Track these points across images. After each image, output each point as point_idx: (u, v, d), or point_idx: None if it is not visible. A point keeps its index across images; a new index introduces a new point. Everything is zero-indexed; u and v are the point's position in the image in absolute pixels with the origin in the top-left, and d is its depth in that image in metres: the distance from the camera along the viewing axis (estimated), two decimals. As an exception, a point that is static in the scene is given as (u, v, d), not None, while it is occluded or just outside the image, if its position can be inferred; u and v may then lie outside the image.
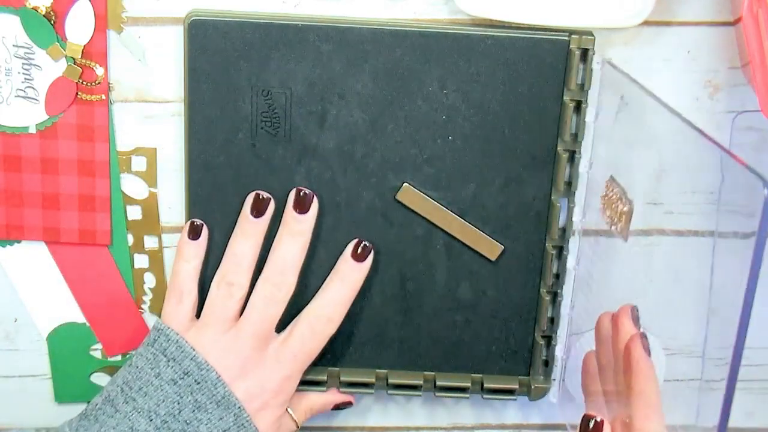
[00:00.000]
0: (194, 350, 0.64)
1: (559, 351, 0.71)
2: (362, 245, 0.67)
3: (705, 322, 0.72)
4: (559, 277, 0.69)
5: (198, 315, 0.67)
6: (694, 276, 0.71)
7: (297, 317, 0.67)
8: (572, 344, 0.73)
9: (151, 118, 0.67)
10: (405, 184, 0.67)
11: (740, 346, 0.55)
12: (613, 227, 0.65)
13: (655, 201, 0.70)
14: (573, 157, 0.66)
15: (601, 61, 0.65)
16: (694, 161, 0.58)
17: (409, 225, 0.68)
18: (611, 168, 0.65)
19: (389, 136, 0.66)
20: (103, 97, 0.66)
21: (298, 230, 0.66)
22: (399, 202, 0.67)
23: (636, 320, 0.61)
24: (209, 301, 0.66)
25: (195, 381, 0.63)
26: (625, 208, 0.63)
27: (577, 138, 0.66)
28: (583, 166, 0.67)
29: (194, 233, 0.67)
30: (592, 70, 0.64)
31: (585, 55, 0.64)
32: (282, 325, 0.67)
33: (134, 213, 0.69)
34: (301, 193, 0.66)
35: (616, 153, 0.65)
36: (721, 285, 0.71)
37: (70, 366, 0.73)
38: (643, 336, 0.59)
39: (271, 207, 0.66)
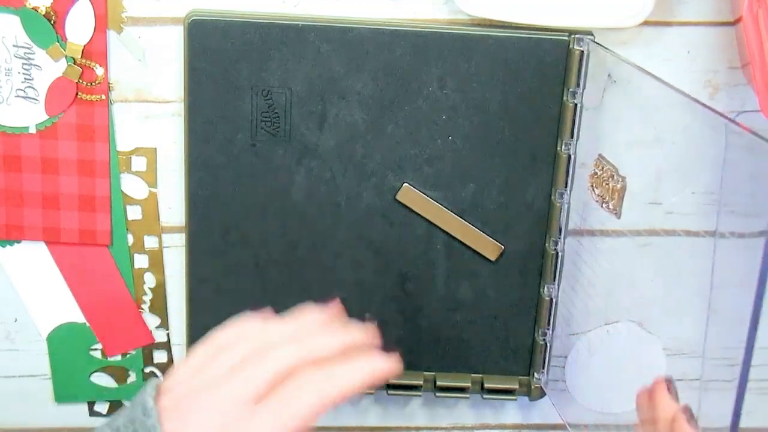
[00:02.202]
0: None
1: (552, 349, 0.71)
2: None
3: (705, 322, 0.72)
4: (555, 277, 0.69)
5: None
6: (695, 276, 0.71)
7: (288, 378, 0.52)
8: (572, 344, 0.73)
9: (151, 118, 0.67)
10: (405, 184, 0.67)
11: (751, 343, 0.54)
12: (604, 205, 0.65)
13: (656, 201, 0.70)
14: (569, 156, 0.66)
15: (586, 42, 0.64)
16: (695, 131, 0.57)
17: (409, 225, 0.68)
18: (599, 147, 0.65)
19: (389, 136, 0.66)
20: (103, 97, 0.66)
21: (340, 334, 0.55)
22: (399, 202, 0.67)
23: (675, 395, 0.57)
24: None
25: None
26: (618, 185, 0.63)
27: (577, 138, 0.66)
28: (564, 148, 0.66)
29: None
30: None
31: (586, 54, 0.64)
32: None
33: (134, 213, 0.69)
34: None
35: (604, 131, 0.65)
36: (722, 285, 0.71)
37: (70, 366, 0.73)
38: (687, 410, 0.55)
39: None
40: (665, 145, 0.67)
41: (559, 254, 0.68)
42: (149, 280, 0.71)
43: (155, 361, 0.73)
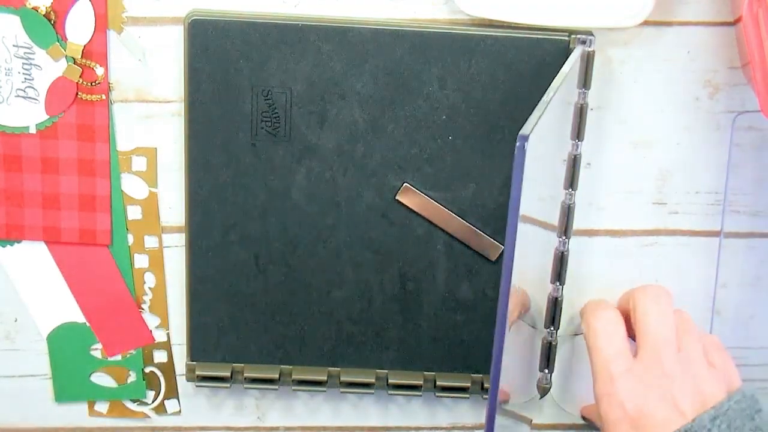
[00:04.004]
0: None
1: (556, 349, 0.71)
2: None
3: (710, 322, 0.72)
4: (560, 277, 0.69)
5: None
6: (699, 276, 0.71)
7: None
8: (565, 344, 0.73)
9: (151, 118, 0.67)
10: (405, 184, 0.67)
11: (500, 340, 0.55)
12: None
13: (660, 201, 0.70)
14: (574, 157, 0.66)
15: (582, 43, 0.64)
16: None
17: (409, 225, 0.68)
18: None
19: (389, 136, 0.66)
20: (103, 97, 0.66)
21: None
22: (399, 202, 0.67)
23: None
24: None
25: None
26: None
27: (577, 138, 0.66)
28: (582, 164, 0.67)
29: None
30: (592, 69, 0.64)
31: (585, 55, 0.64)
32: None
33: (134, 213, 0.69)
34: None
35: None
36: (726, 285, 0.71)
37: (70, 366, 0.73)
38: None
39: None
40: (669, 145, 0.67)
41: (560, 254, 0.68)
42: (149, 280, 0.71)
43: (155, 361, 0.73)
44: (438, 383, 0.71)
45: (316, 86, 0.65)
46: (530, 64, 0.64)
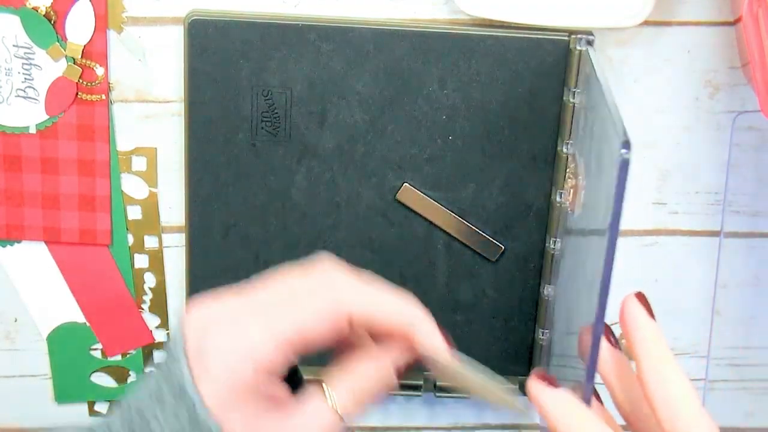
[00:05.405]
0: None
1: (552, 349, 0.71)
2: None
3: (710, 322, 0.72)
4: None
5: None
6: (699, 276, 0.71)
7: None
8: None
9: (151, 118, 0.67)
10: (405, 184, 0.67)
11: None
12: (567, 201, 0.65)
13: (660, 201, 0.70)
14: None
15: (583, 41, 0.64)
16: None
17: (409, 225, 0.68)
18: (577, 145, 0.65)
19: (389, 136, 0.66)
20: (103, 97, 0.66)
21: None
22: (399, 202, 0.67)
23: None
24: None
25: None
26: (573, 182, 0.63)
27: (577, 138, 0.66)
28: (564, 148, 0.66)
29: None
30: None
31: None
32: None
33: (134, 213, 0.69)
34: None
35: (578, 127, 0.65)
36: (726, 285, 0.71)
37: (70, 366, 0.73)
38: (640, 295, 0.48)
39: None
40: (669, 145, 0.66)
41: (557, 254, 0.68)
42: (149, 280, 0.71)
43: (155, 361, 0.73)
44: (438, 383, 0.71)
45: (316, 86, 0.65)
46: (530, 64, 0.64)
